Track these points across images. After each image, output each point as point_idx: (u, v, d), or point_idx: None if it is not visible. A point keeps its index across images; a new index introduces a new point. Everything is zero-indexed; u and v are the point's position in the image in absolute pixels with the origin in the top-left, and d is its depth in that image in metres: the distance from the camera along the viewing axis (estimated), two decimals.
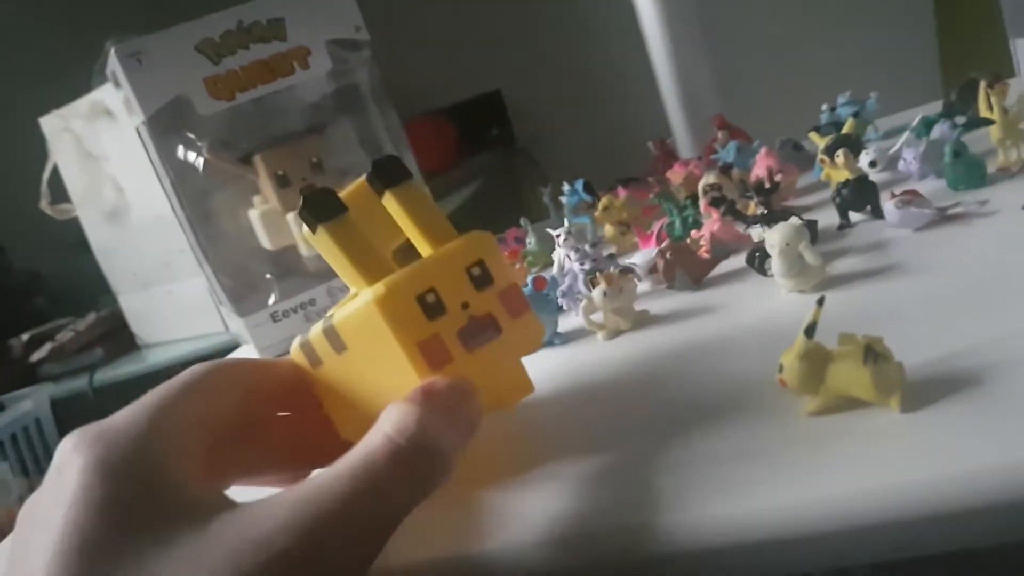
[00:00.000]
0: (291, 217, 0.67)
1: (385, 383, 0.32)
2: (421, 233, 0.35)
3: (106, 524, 0.25)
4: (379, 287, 0.31)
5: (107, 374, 1.35)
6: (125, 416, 0.29)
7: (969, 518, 0.24)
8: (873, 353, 0.29)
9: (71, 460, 0.27)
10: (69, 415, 1.35)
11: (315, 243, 0.33)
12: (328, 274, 0.70)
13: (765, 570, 0.27)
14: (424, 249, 0.35)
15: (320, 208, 0.32)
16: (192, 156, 0.67)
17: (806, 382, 0.30)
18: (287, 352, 0.36)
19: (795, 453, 0.28)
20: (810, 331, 0.31)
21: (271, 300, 0.69)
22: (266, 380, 0.35)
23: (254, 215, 0.68)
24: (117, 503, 0.26)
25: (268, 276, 0.70)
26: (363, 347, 0.33)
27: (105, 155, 1.20)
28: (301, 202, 0.32)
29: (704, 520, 0.27)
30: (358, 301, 0.32)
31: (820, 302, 0.32)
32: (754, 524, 0.26)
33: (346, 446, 0.29)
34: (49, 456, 0.32)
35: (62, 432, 0.71)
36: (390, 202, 0.35)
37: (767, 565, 0.27)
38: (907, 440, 0.27)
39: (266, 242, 0.68)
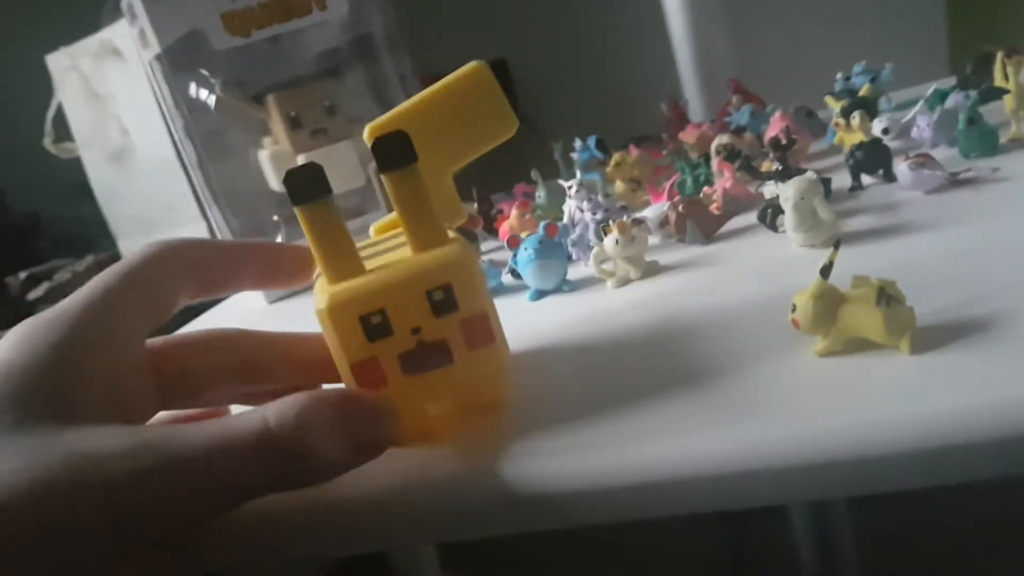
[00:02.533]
0: (301, 159, 0.67)
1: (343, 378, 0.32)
2: (407, 231, 0.32)
3: None
4: (331, 296, 0.30)
5: None
6: (63, 303, 0.30)
7: (973, 451, 0.25)
8: (886, 295, 0.30)
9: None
10: None
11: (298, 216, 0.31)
12: None
13: (778, 496, 0.27)
14: (408, 247, 0.33)
15: (303, 187, 0.30)
16: (204, 94, 0.67)
17: (818, 322, 0.31)
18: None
19: (804, 390, 0.29)
20: (825, 272, 0.31)
21: (277, 241, 0.69)
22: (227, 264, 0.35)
23: (264, 156, 0.68)
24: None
25: (275, 218, 0.70)
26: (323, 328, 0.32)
27: (112, 95, 1.19)
28: (284, 178, 0.30)
29: (716, 448, 0.27)
30: (320, 296, 0.31)
31: (836, 245, 0.32)
32: (766, 452, 0.26)
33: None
34: None
35: None
36: (388, 184, 0.32)
37: (781, 490, 0.27)
38: (917, 378, 0.28)
39: (275, 183, 0.68)
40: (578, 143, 0.70)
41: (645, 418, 0.30)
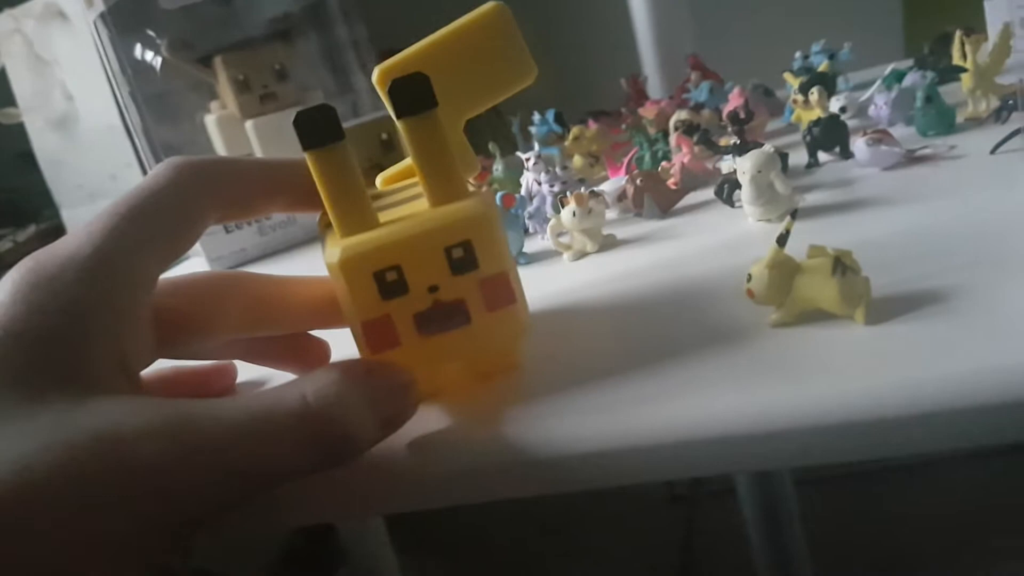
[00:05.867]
0: (250, 124, 0.65)
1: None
2: (424, 183, 0.30)
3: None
4: (345, 249, 0.28)
5: None
6: (70, 243, 0.27)
7: (924, 424, 0.25)
8: (842, 265, 0.29)
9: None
10: None
11: (309, 163, 0.29)
12: None
13: (730, 465, 0.27)
14: (423, 200, 0.31)
15: (314, 130, 0.28)
16: (150, 55, 0.65)
17: (773, 292, 0.30)
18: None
19: (758, 361, 0.29)
20: (782, 240, 0.31)
21: None
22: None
23: (211, 120, 0.66)
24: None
25: None
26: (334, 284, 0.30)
27: (56, 60, 1.15)
28: (294, 119, 0.28)
29: (672, 418, 0.27)
30: (329, 249, 0.29)
31: (793, 214, 0.32)
32: (719, 422, 0.26)
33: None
34: None
35: None
36: (405, 131, 0.29)
37: (732, 461, 0.27)
38: (871, 349, 0.27)
39: (222, 149, 0.66)
40: (536, 117, 0.69)
41: (605, 391, 0.29)
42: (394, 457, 0.29)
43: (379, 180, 0.37)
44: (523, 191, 0.54)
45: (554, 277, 0.44)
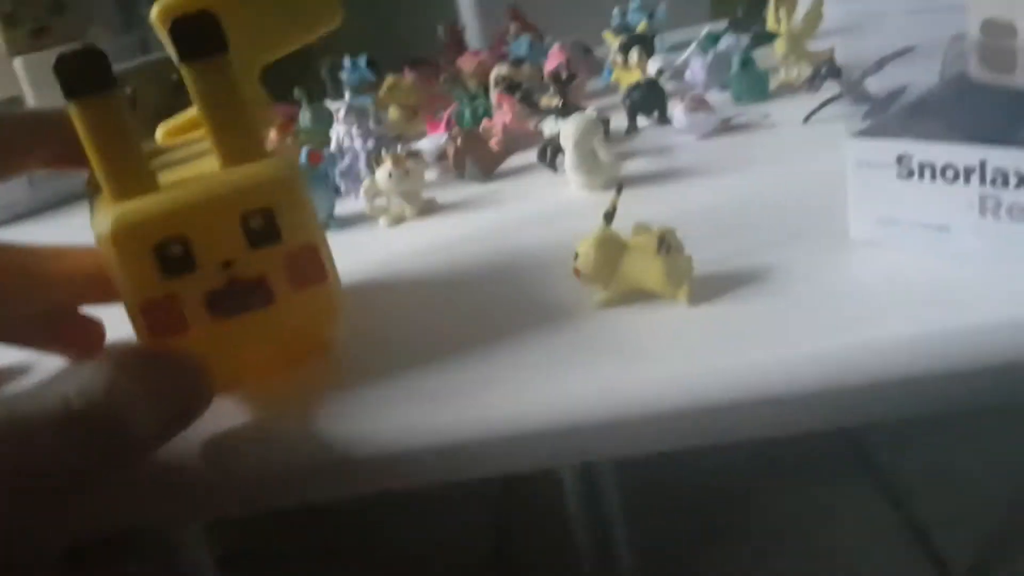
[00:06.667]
0: (18, 62, 0.57)
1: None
2: (214, 139, 0.26)
3: None
4: (118, 219, 0.24)
5: None
6: None
7: (743, 410, 0.24)
8: (666, 243, 0.29)
9: None
10: None
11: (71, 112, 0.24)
12: None
13: (545, 459, 0.26)
14: (212, 158, 0.27)
15: (78, 76, 0.24)
16: None
17: (600, 270, 0.29)
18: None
19: (582, 345, 0.27)
20: (609, 217, 0.30)
21: None
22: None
23: None
24: None
25: None
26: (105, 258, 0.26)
27: None
28: (54, 64, 0.24)
29: (486, 411, 0.25)
30: (100, 214, 0.25)
31: (619, 190, 0.31)
32: (536, 414, 0.25)
33: None
34: None
35: None
36: (189, 78, 0.25)
37: (547, 455, 0.26)
38: (693, 332, 0.27)
39: None
40: (347, 61, 0.65)
41: (422, 379, 0.27)
42: (186, 458, 0.26)
43: (159, 133, 0.32)
44: (333, 146, 0.50)
45: (368, 245, 0.42)
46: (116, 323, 0.31)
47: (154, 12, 0.30)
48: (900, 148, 0.27)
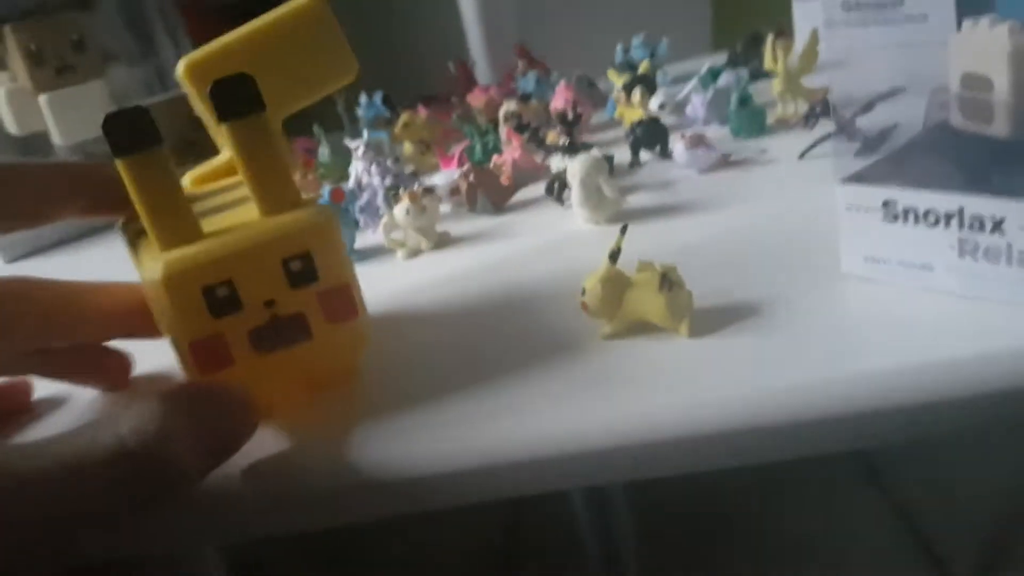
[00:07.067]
0: (43, 99, 0.59)
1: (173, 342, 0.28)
2: (255, 190, 0.28)
3: None
4: (169, 264, 0.26)
5: None
6: None
7: (744, 437, 0.26)
8: (668, 280, 0.31)
9: None
10: None
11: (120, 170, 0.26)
12: None
13: (556, 483, 0.28)
14: (250, 206, 0.29)
15: (126, 134, 0.25)
16: None
17: (606, 305, 0.31)
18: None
19: (589, 374, 0.29)
20: (614, 257, 0.32)
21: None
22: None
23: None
24: None
25: None
26: (152, 299, 0.28)
27: None
28: (103, 124, 0.25)
29: (499, 438, 0.27)
30: (148, 263, 0.27)
31: (623, 230, 0.33)
32: (547, 440, 0.27)
33: None
34: None
35: None
36: (231, 136, 0.27)
37: (558, 479, 0.27)
38: (693, 363, 0.29)
39: (12, 126, 0.60)
40: (364, 98, 0.67)
41: (442, 408, 0.29)
42: (227, 485, 0.28)
43: (187, 180, 0.34)
44: (351, 182, 0.52)
45: (388, 276, 0.44)
46: (145, 354, 0.33)
47: (180, 69, 0.32)
48: (885, 194, 0.29)
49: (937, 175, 0.29)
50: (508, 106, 0.60)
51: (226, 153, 0.34)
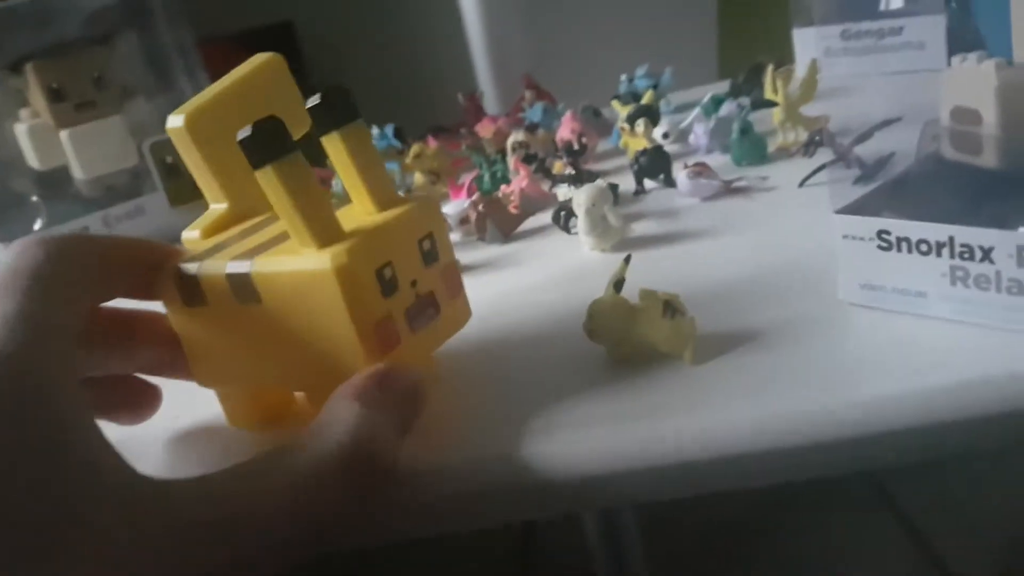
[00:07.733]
0: (65, 135, 0.61)
1: (298, 352, 0.29)
2: (368, 191, 0.30)
3: None
4: (340, 254, 0.27)
5: None
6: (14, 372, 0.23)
7: (746, 462, 0.27)
8: (671, 308, 0.32)
9: None
10: None
11: (260, 180, 0.28)
12: (105, 201, 0.65)
13: (565, 506, 0.29)
14: (364, 210, 0.30)
15: (269, 143, 0.27)
16: None
17: (611, 333, 0.32)
18: None
19: (597, 400, 0.30)
20: (618, 286, 0.33)
21: (37, 225, 0.62)
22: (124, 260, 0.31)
23: (21, 130, 0.61)
24: None
25: (35, 198, 0.63)
26: (288, 309, 0.29)
27: None
28: (248, 134, 0.27)
29: (510, 459, 0.28)
30: (300, 261, 0.28)
31: (627, 260, 0.34)
32: (555, 464, 0.28)
33: None
34: None
35: None
36: (335, 145, 0.29)
37: (568, 501, 0.28)
38: (696, 389, 0.30)
39: (34, 161, 0.62)
40: (375, 130, 0.69)
41: (434, 430, 0.30)
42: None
43: (198, 233, 0.35)
44: None
45: None
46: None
47: (177, 123, 0.33)
48: (880, 224, 0.30)
49: (929, 205, 0.30)
50: (516, 136, 0.62)
51: (219, 206, 0.35)
